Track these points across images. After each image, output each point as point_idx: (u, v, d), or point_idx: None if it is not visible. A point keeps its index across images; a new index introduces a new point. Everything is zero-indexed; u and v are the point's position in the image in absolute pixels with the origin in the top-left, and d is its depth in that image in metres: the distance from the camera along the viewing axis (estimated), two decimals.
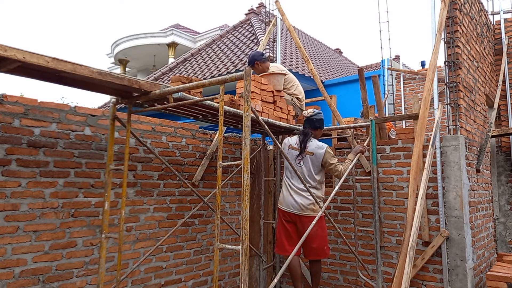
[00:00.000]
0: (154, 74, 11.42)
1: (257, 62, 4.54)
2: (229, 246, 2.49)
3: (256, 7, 13.15)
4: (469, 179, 4.02)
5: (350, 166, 3.82)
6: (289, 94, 4.60)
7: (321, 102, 5.38)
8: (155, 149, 3.78)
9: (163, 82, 10.30)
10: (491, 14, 6.34)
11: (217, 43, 11.74)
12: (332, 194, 3.68)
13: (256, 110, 3.72)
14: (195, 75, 9.51)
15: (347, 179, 4.44)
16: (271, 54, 6.14)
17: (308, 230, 3.42)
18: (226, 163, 2.54)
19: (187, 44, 17.00)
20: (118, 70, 18.44)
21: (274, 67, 4.59)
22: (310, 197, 3.70)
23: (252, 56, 4.60)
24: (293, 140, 4.01)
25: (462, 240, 3.68)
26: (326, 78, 9.81)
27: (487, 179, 4.86)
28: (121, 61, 18.25)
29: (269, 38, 5.93)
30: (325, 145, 3.86)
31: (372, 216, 4.23)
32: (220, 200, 2.49)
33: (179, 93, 2.93)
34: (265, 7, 6.50)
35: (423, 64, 9.06)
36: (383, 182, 4.22)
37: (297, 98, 4.69)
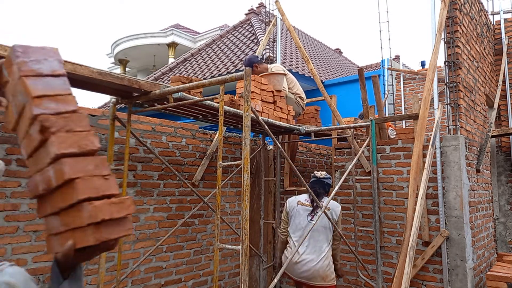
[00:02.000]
0: (154, 74, 11.42)
1: (255, 64, 4.54)
2: (229, 246, 2.49)
3: (256, 7, 13.14)
4: (469, 179, 4.02)
5: (338, 257, 3.55)
6: (292, 93, 4.63)
7: (321, 102, 5.38)
8: (155, 149, 3.78)
9: (163, 82, 10.30)
10: (491, 14, 6.34)
11: (217, 43, 11.74)
12: (332, 194, 3.68)
13: (256, 110, 3.72)
14: (195, 75, 9.51)
15: (347, 179, 4.45)
16: (271, 54, 6.14)
17: None
18: (226, 163, 2.54)
19: (187, 44, 17.00)
20: (118, 70, 18.43)
21: (277, 66, 4.60)
22: (328, 259, 3.29)
23: (249, 59, 4.60)
24: (302, 197, 3.58)
25: (462, 240, 3.68)
26: (326, 78, 9.80)
27: (487, 179, 4.86)
28: (121, 61, 18.24)
29: (269, 38, 5.93)
30: (339, 205, 3.56)
31: (372, 216, 4.23)
32: (220, 200, 2.49)
33: (179, 93, 2.93)
34: (265, 7, 6.50)
35: (423, 64, 9.06)
36: (383, 182, 4.22)
37: (300, 98, 4.73)
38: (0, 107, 1.10)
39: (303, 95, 4.81)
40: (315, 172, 3.69)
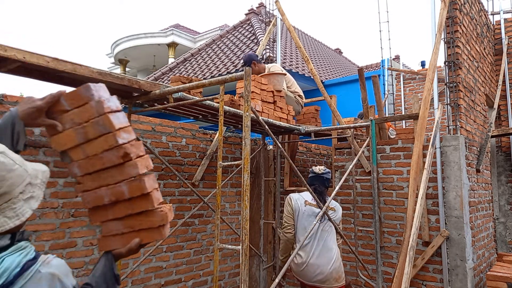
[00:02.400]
0: (154, 74, 11.42)
1: (254, 62, 4.54)
2: (229, 246, 2.49)
3: (256, 7, 13.14)
4: (469, 179, 4.02)
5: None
6: (291, 92, 4.64)
7: (321, 102, 5.38)
8: (155, 149, 3.78)
9: (163, 82, 10.30)
10: (491, 14, 6.34)
11: (217, 43, 11.73)
12: (333, 194, 3.68)
13: (256, 110, 3.72)
14: (195, 75, 9.51)
15: (347, 179, 4.45)
16: (271, 54, 6.14)
17: None
18: (226, 163, 2.54)
19: (187, 44, 16.99)
20: (118, 70, 18.43)
21: (275, 66, 4.60)
22: (339, 259, 3.22)
23: (249, 55, 4.60)
24: (306, 196, 3.43)
25: (462, 240, 3.68)
26: (326, 78, 9.80)
27: (487, 179, 4.86)
28: (121, 61, 18.24)
29: (269, 38, 5.93)
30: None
31: (372, 216, 4.23)
32: (220, 200, 2.49)
33: (179, 93, 2.93)
34: (265, 7, 6.50)
35: (423, 64, 9.06)
36: (383, 182, 4.22)
37: (299, 96, 4.75)
38: (56, 131, 1.30)
39: (302, 94, 4.85)
40: (313, 167, 3.56)
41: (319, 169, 3.50)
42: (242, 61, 4.65)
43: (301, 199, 3.40)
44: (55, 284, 1.00)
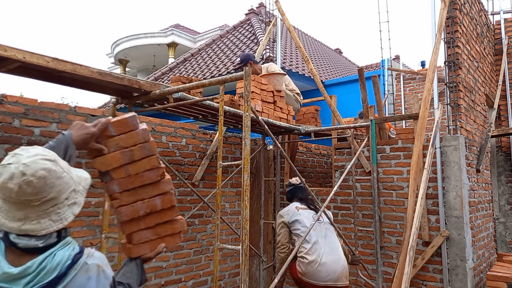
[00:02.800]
0: (154, 74, 11.42)
1: (251, 62, 4.54)
2: (229, 246, 2.49)
3: (256, 7, 13.13)
4: (469, 179, 4.02)
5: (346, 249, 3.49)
6: (290, 90, 4.65)
7: (321, 102, 5.38)
8: None
9: (163, 82, 10.30)
10: (491, 14, 6.33)
11: (217, 43, 11.73)
12: (331, 194, 3.68)
13: (256, 110, 3.72)
14: (195, 75, 9.51)
15: (347, 179, 4.45)
16: (271, 54, 6.14)
17: None
18: (226, 163, 2.54)
19: (187, 44, 16.98)
20: (118, 70, 18.42)
21: (272, 66, 4.62)
22: (343, 255, 3.19)
23: (247, 55, 4.59)
24: (293, 205, 3.42)
25: (462, 240, 3.68)
26: (326, 78, 9.80)
27: (487, 179, 4.86)
28: (121, 61, 18.24)
29: (269, 38, 5.94)
30: None
31: (372, 216, 4.23)
32: (220, 200, 2.49)
33: (179, 93, 2.93)
34: (265, 7, 6.50)
35: (423, 64, 9.05)
36: (383, 182, 4.22)
37: (298, 94, 4.77)
38: (100, 153, 1.46)
39: (299, 92, 4.90)
40: (290, 180, 3.59)
41: (296, 179, 3.55)
42: (238, 59, 4.65)
43: (291, 209, 3.37)
44: (100, 274, 1.12)
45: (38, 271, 1.03)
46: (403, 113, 7.87)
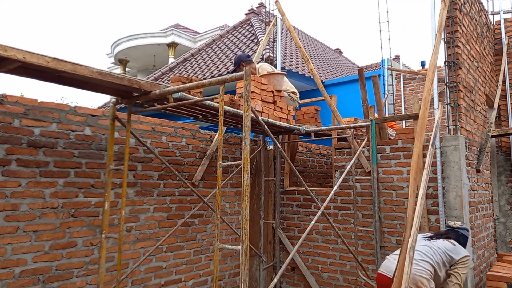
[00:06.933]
0: (154, 74, 11.41)
1: (243, 63, 4.54)
2: (229, 246, 2.49)
3: (256, 7, 13.13)
4: (469, 179, 4.02)
5: None
6: (284, 90, 4.66)
7: (321, 102, 5.38)
8: (155, 149, 3.78)
9: (163, 82, 10.30)
10: (491, 14, 6.33)
11: (217, 43, 11.73)
12: (332, 194, 3.68)
13: (256, 110, 3.72)
14: (195, 75, 9.51)
15: (347, 179, 4.45)
16: (271, 54, 6.15)
17: None
18: (226, 163, 2.54)
19: (187, 44, 16.98)
20: (118, 70, 18.42)
21: (263, 65, 4.64)
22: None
23: (238, 57, 4.63)
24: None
25: None
26: (326, 78, 9.80)
27: (487, 179, 4.86)
28: (121, 61, 18.24)
29: (269, 38, 5.94)
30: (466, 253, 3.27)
31: (372, 216, 4.23)
32: (220, 200, 2.49)
33: (179, 93, 2.93)
34: (265, 7, 6.50)
35: (423, 64, 9.05)
36: (383, 182, 4.22)
37: (293, 93, 4.81)
38: None
39: (295, 90, 4.91)
40: (449, 221, 3.43)
41: (454, 223, 3.37)
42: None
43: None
44: None
45: None
46: (403, 113, 7.87)
